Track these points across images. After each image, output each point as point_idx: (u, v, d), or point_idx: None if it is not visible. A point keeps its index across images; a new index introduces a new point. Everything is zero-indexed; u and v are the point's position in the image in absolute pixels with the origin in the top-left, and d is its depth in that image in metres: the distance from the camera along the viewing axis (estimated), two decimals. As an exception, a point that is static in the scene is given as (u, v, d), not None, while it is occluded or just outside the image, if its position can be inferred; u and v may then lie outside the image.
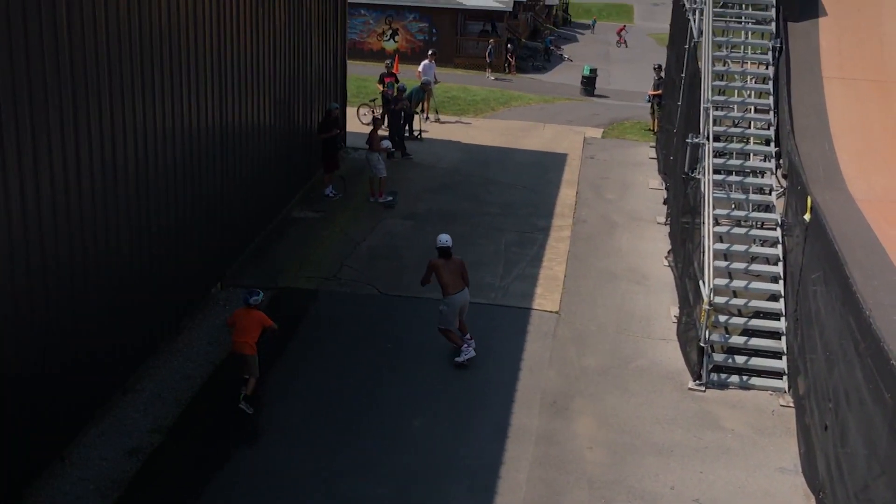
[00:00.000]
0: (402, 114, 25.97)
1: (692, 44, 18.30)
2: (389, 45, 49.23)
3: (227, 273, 16.66)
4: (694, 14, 18.45)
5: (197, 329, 15.08)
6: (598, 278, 17.80)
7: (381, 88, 26.72)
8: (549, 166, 24.78)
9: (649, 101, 29.77)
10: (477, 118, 30.75)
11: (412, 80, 29.20)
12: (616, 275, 18.00)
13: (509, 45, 47.74)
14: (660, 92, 28.14)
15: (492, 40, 46.74)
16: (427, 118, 28.84)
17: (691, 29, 18.52)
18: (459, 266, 14.56)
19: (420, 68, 29.10)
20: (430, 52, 30.19)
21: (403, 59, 45.56)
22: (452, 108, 31.90)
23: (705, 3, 17.06)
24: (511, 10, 50.74)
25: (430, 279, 14.57)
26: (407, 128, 26.40)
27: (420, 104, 27.26)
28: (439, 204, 21.31)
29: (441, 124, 28.78)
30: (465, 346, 14.44)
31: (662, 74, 28.15)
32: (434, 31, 49.06)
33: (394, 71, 29.33)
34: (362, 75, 36.68)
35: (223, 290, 16.46)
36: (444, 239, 14.48)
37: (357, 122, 27.16)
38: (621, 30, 69.49)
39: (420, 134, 26.65)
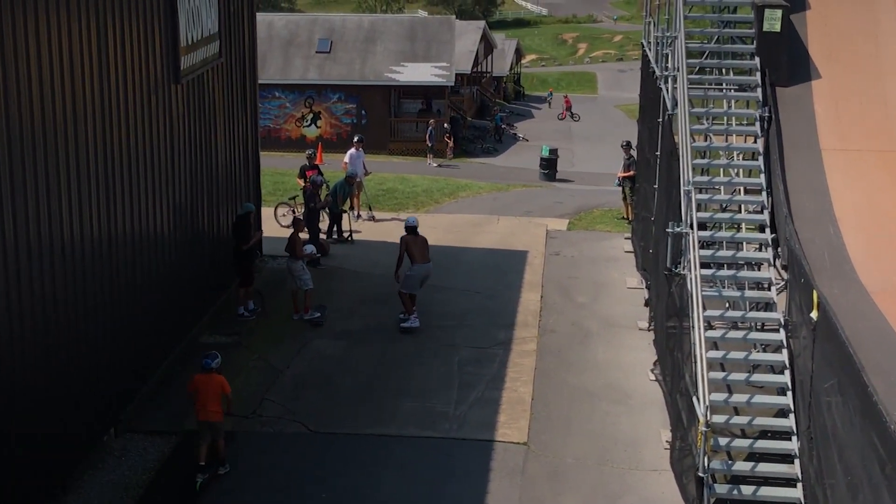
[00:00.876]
0: (329, 212, 26.07)
1: (666, 116, 18.68)
2: (311, 132, 49.78)
3: (122, 416, 16.35)
4: (666, 82, 18.88)
5: (86, 488, 14.71)
6: (573, 399, 17.75)
7: (303, 184, 26.83)
8: (506, 267, 24.90)
9: (620, 184, 30.24)
10: (418, 213, 30.93)
11: (338, 173, 29.40)
12: (594, 394, 17.97)
13: (446, 125, 48.45)
14: (631, 173, 28.61)
15: (432, 121, 47.48)
16: (358, 216, 28.97)
17: (664, 99, 18.92)
18: (424, 242, 21.03)
19: (346, 158, 29.33)
20: (355, 140, 30.48)
21: (328, 147, 45.97)
22: (388, 202, 32.11)
23: (679, 70, 17.45)
24: (453, 84, 51.65)
25: (403, 255, 20.63)
26: (335, 228, 26.48)
27: (348, 200, 27.38)
28: (377, 318, 21.24)
29: (375, 223, 28.91)
30: (414, 316, 20.61)
31: (633, 153, 28.66)
32: (363, 112, 49.77)
33: (317, 162, 29.52)
34: (279, 168, 36.92)
35: (118, 437, 16.13)
36: (412, 220, 21.41)
37: (275, 224, 27.18)
38: (567, 103, 70.60)
39: (350, 235, 26.72)
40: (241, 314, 21.08)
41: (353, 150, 29.44)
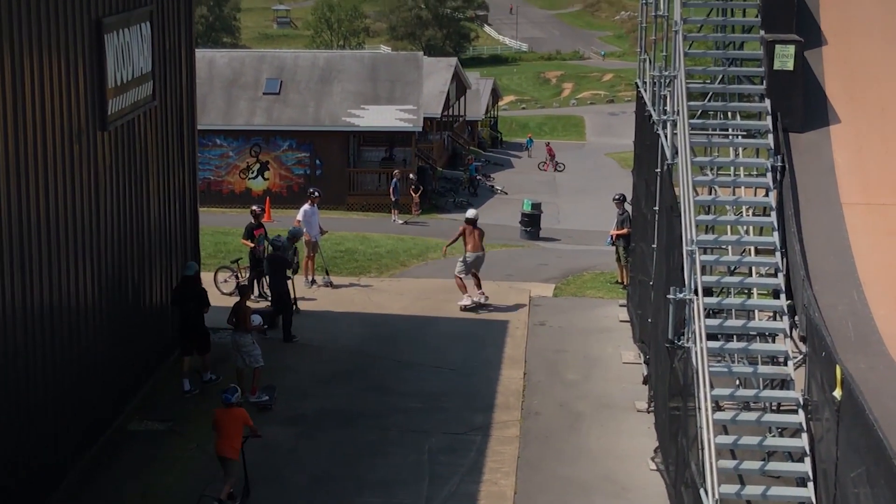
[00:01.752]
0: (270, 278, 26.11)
1: (665, 166, 18.81)
2: (257, 185, 49.85)
3: (35, 517, 16.16)
4: (665, 127, 19.02)
5: None
6: (562, 493, 17.64)
7: (250, 244, 26.82)
8: (484, 339, 24.86)
9: (613, 243, 30.35)
10: (382, 278, 30.90)
11: (282, 231, 29.28)
12: (586, 487, 17.88)
13: (413, 176, 48.55)
14: (626, 231, 28.74)
15: (397, 171, 47.61)
16: (312, 282, 28.90)
17: (663, 147, 19.05)
18: (481, 234, 27.46)
19: (300, 215, 29.29)
20: (310, 193, 30.47)
21: (278, 202, 46.08)
22: (348, 265, 32.05)
23: (679, 113, 17.57)
24: (420, 129, 51.89)
25: (457, 239, 27.46)
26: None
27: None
28: (335, 401, 21.14)
29: (333, 289, 28.82)
30: (470, 296, 27.05)
31: (628, 208, 28.81)
32: (318, 162, 49.91)
33: (265, 219, 29.48)
34: (221, 227, 36.85)
35: (31, 541, 15.92)
36: (472, 212, 28.10)
37: (215, 291, 27.04)
38: (550, 151, 71.16)
39: (296, 304, 26.58)
40: (208, 380, 21.43)
41: (307, 206, 29.42)
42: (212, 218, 37.10)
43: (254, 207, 28.64)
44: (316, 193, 30.62)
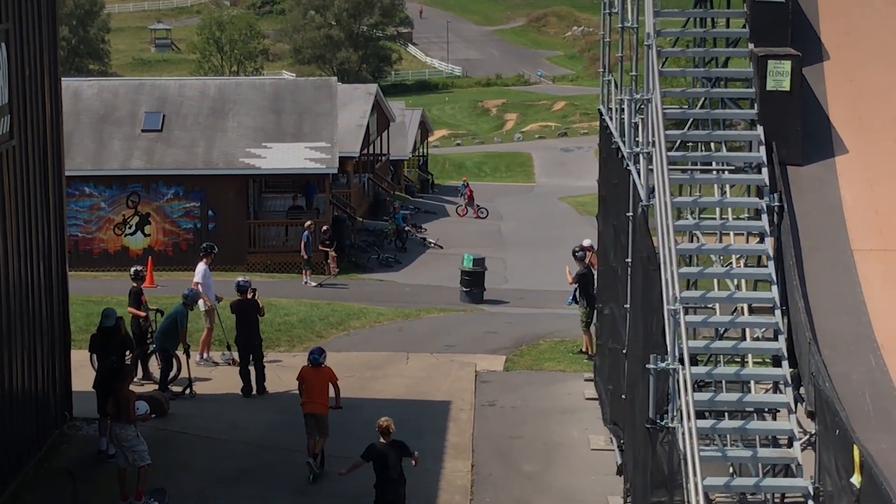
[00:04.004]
0: (160, 355, 26.05)
1: (639, 209, 18.87)
2: (136, 243, 49.37)
3: None
4: (637, 162, 19.09)
5: None
6: None
7: (139, 313, 26.60)
8: (422, 424, 24.76)
9: (574, 301, 30.41)
10: (294, 352, 30.76)
11: (173, 298, 29.10)
12: None
13: (326, 228, 48.17)
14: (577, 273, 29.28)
15: (309, 223, 47.38)
16: (204, 359, 28.68)
17: (635, 186, 19.12)
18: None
19: (198, 276, 29.08)
20: (203, 250, 30.33)
21: (162, 262, 45.75)
22: (251, 338, 31.92)
23: (655, 145, 17.63)
24: (336, 171, 51.71)
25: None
26: (170, 376, 26.23)
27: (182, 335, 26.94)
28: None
29: (235, 366, 28.64)
30: None
31: (590, 261, 29.00)
32: (211, 213, 49.57)
33: (146, 284, 29.31)
34: (93, 294, 36.54)
35: None
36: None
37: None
38: (469, 193, 71.55)
39: (190, 387, 26.35)
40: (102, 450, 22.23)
41: (204, 265, 29.28)
42: (81, 284, 36.77)
43: (137, 268, 28.52)
44: (205, 248, 30.53)
